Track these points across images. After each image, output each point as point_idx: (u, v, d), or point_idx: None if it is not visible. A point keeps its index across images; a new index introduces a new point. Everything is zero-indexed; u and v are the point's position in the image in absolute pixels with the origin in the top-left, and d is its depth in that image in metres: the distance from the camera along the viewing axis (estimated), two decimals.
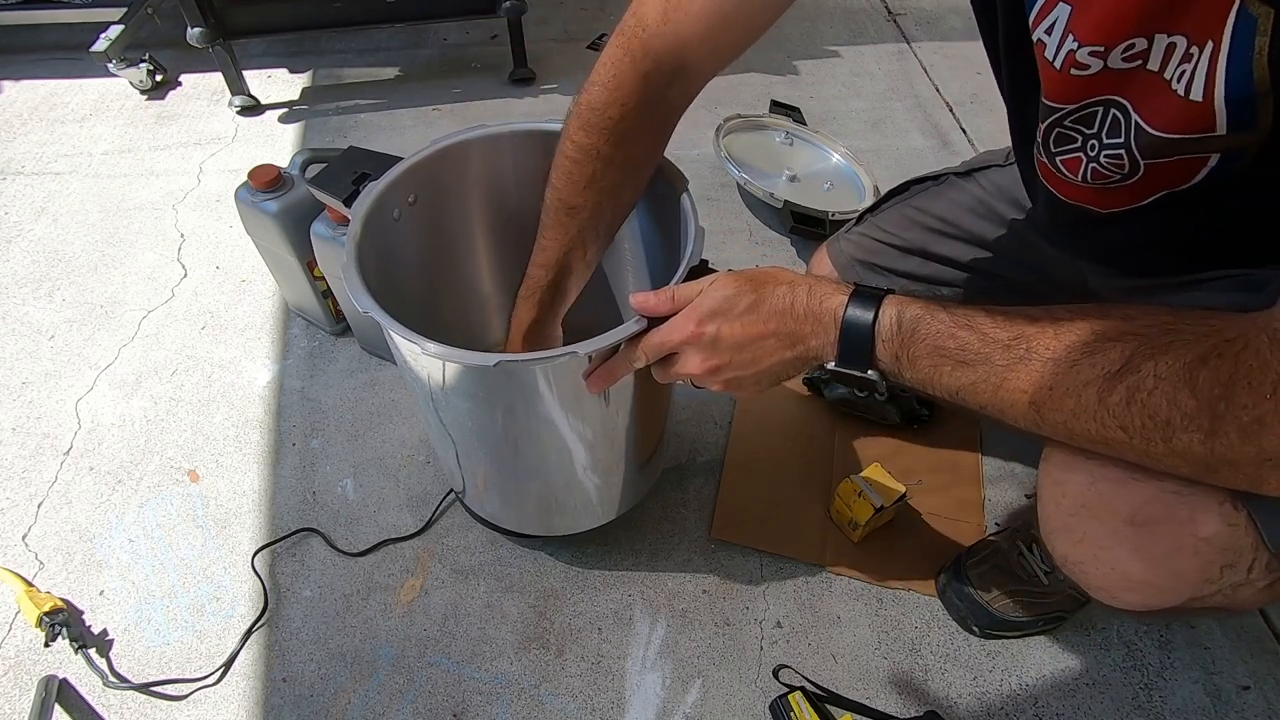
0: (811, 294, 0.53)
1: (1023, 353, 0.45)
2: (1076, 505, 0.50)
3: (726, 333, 0.54)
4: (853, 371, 0.53)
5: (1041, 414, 0.45)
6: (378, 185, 0.70)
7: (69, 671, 0.80)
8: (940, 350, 0.48)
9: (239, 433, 1.02)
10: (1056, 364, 0.43)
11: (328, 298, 1.08)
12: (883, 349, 0.51)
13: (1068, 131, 0.54)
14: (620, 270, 0.87)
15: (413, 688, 0.79)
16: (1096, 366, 0.42)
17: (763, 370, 0.55)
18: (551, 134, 0.76)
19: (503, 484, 0.80)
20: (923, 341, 0.49)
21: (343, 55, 1.78)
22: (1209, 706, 0.78)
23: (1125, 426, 0.41)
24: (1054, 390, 0.43)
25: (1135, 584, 0.49)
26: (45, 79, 1.69)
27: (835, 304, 0.52)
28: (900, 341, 0.50)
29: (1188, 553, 0.45)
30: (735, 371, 0.56)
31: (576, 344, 0.57)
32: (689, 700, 0.78)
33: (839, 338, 0.52)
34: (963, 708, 0.78)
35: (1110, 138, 0.51)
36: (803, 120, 1.53)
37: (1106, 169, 0.53)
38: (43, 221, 1.34)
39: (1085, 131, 0.52)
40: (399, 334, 0.57)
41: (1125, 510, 0.47)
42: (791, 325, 0.53)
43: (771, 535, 0.90)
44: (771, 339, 0.54)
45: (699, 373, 0.57)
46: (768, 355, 0.55)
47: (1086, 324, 0.43)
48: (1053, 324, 0.45)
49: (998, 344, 0.46)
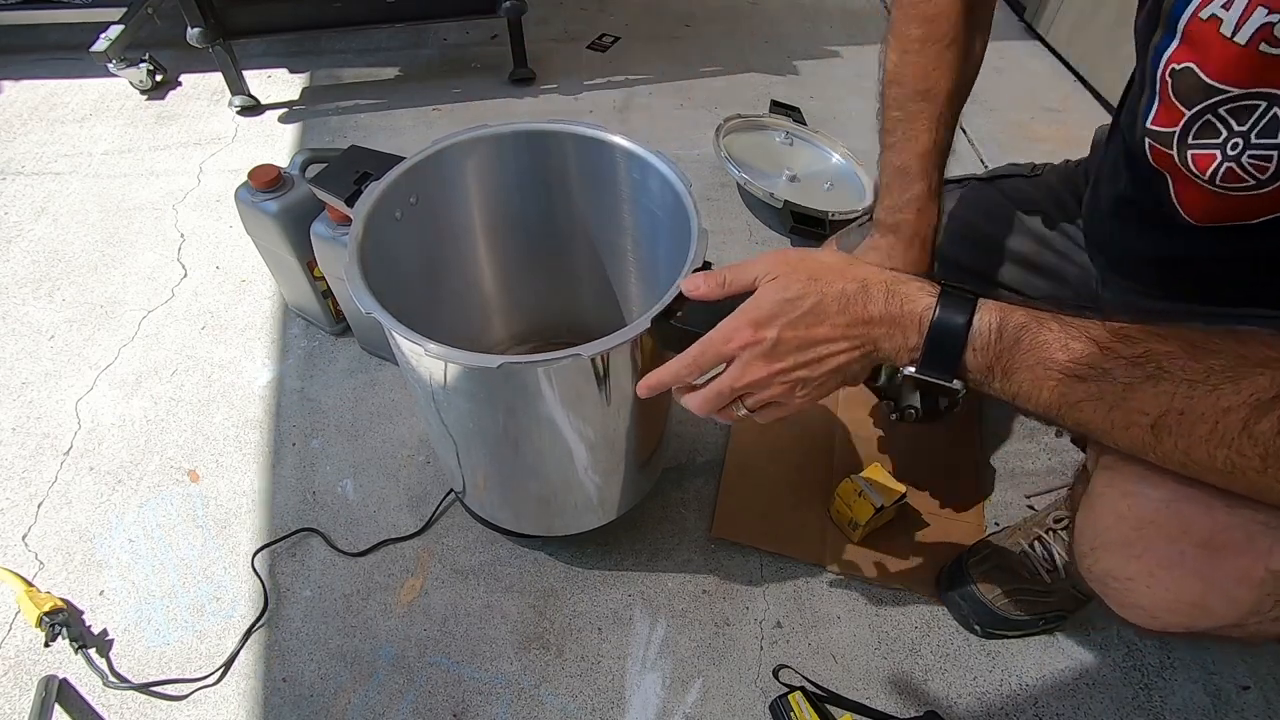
0: (891, 295, 0.49)
1: (1151, 370, 0.41)
2: (1145, 520, 0.47)
3: (789, 336, 0.50)
4: (934, 379, 0.49)
5: (1160, 438, 0.42)
6: (380, 185, 0.70)
7: (69, 671, 0.80)
8: (1048, 363, 0.45)
9: (239, 433, 1.02)
10: (1193, 386, 0.40)
11: (328, 298, 1.08)
12: (974, 357, 0.47)
13: (1216, 122, 0.51)
14: (623, 272, 0.87)
15: (413, 688, 0.79)
16: (1243, 393, 0.39)
17: (826, 373, 0.51)
18: (552, 134, 0.76)
19: (503, 484, 0.80)
20: (1028, 352, 0.45)
21: (343, 55, 1.78)
22: (1209, 706, 0.78)
23: (1267, 456, 0.39)
24: (1186, 415, 0.41)
25: (1184, 606, 0.47)
26: (45, 79, 1.69)
27: (921, 306, 0.48)
28: (998, 351, 0.47)
29: (1254, 583, 0.44)
30: (798, 374, 0.52)
31: (580, 346, 0.57)
32: (689, 700, 0.78)
33: (924, 343, 0.48)
34: (963, 708, 0.78)
35: (1262, 137, 0.49)
36: (803, 120, 1.53)
37: (1245, 172, 0.51)
38: (43, 221, 1.34)
39: (1235, 126, 0.50)
40: (401, 334, 0.57)
41: (1203, 532, 0.44)
42: (864, 327, 0.49)
43: (771, 535, 0.90)
44: (841, 341, 0.50)
45: (759, 378, 0.52)
46: (833, 356, 0.51)
47: (1226, 346, 0.40)
48: (1187, 343, 0.41)
49: (1121, 359, 0.42)
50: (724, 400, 0.55)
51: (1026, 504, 0.95)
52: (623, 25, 1.90)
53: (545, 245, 0.87)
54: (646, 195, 0.74)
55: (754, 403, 0.55)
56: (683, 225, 0.66)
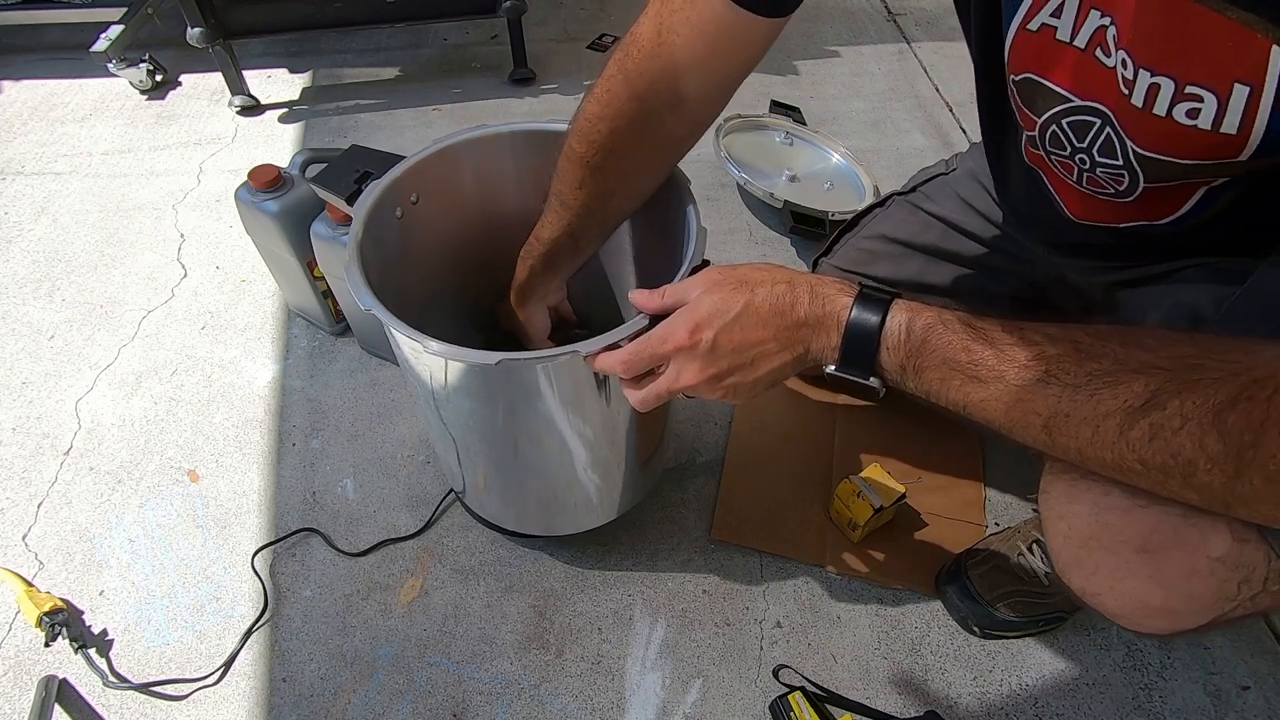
0: (814, 295, 0.51)
1: (1040, 374, 0.43)
2: (1084, 538, 0.48)
3: (724, 340, 0.52)
4: (852, 377, 0.51)
5: (1054, 437, 0.44)
6: (380, 184, 0.70)
7: (69, 671, 0.80)
8: (952, 363, 0.46)
9: (239, 433, 1.02)
10: (1076, 390, 0.42)
11: (328, 298, 1.08)
12: (888, 356, 0.49)
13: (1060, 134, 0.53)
14: (622, 270, 0.87)
15: (413, 688, 0.79)
16: (1119, 398, 0.40)
17: (760, 376, 0.54)
18: (551, 134, 0.76)
19: (503, 484, 0.80)
20: (933, 352, 0.47)
21: (343, 55, 1.78)
22: (1209, 706, 0.78)
23: (1145, 461, 0.40)
24: (1070, 417, 0.42)
25: (1155, 611, 0.48)
26: (45, 79, 1.69)
27: (839, 306, 0.50)
28: (908, 350, 0.48)
29: (1202, 575, 0.44)
30: (734, 378, 0.54)
31: (577, 344, 0.57)
32: (689, 700, 0.78)
33: (841, 342, 0.50)
34: (963, 708, 0.78)
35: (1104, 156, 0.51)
36: (803, 120, 1.53)
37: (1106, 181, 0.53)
38: (43, 221, 1.34)
39: (1076, 142, 0.52)
40: (401, 332, 0.57)
41: (1134, 539, 0.46)
42: (791, 328, 0.51)
43: (771, 535, 0.90)
44: (771, 343, 0.52)
45: (695, 381, 0.54)
46: (766, 359, 0.53)
47: (1109, 350, 0.42)
48: (1073, 347, 0.43)
49: (1014, 362, 0.44)
50: (662, 400, 0.57)
51: (1031, 506, 0.94)
52: (623, 25, 1.90)
53: None
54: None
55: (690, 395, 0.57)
56: (682, 224, 0.67)
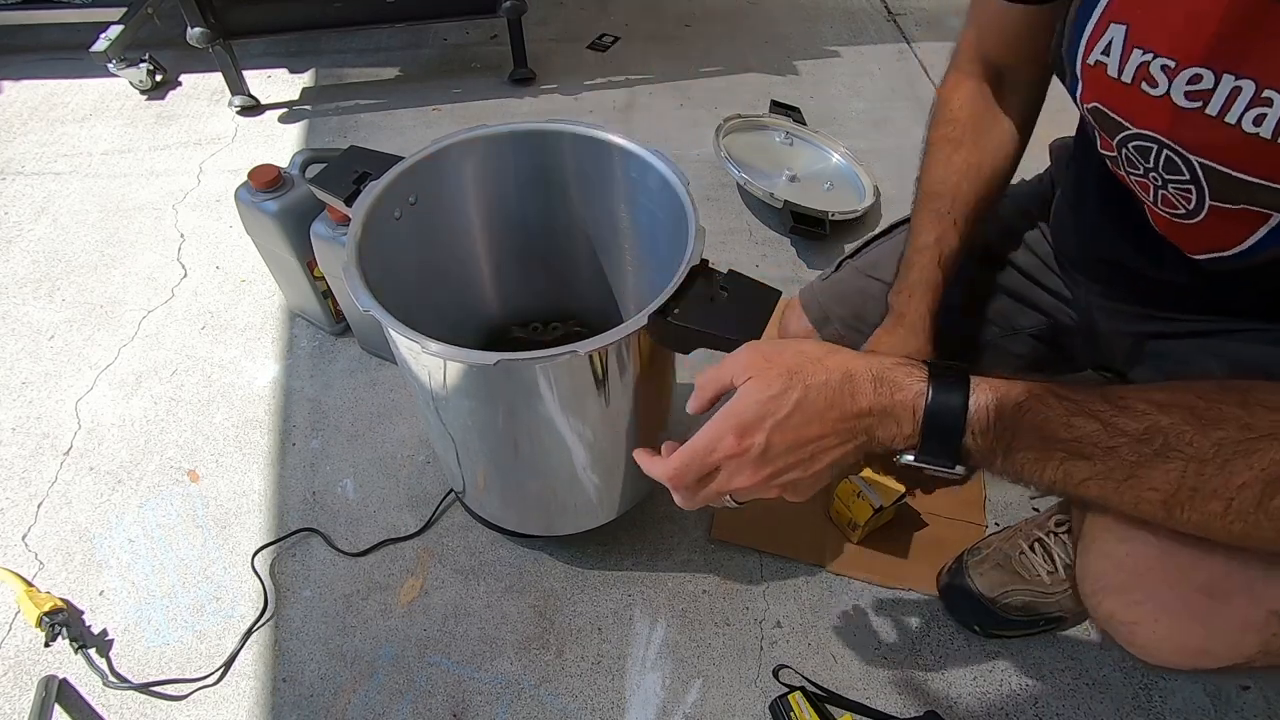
0: (879, 382, 0.46)
1: (1159, 447, 0.40)
2: (1144, 568, 0.46)
3: (776, 440, 0.47)
4: (933, 465, 0.46)
5: (1173, 512, 0.41)
6: (379, 185, 0.70)
7: (69, 671, 0.80)
8: (1051, 440, 0.43)
9: (239, 433, 1.02)
10: (1204, 465, 0.39)
11: (328, 298, 1.08)
12: (974, 440, 0.44)
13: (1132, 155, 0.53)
14: (620, 269, 0.87)
15: (413, 688, 0.79)
16: (1254, 468, 0.38)
17: (820, 470, 0.48)
18: (550, 134, 0.76)
19: (503, 484, 0.80)
20: (1028, 431, 0.43)
21: (343, 55, 1.78)
22: (1209, 706, 0.78)
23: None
24: (1198, 492, 0.40)
25: (1189, 651, 0.47)
26: (45, 79, 1.69)
27: (912, 393, 0.45)
28: (999, 431, 0.44)
29: (1257, 626, 0.44)
30: (790, 475, 0.49)
31: (576, 343, 0.57)
32: (689, 700, 0.78)
33: (920, 430, 0.45)
34: (963, 708, 0.78)
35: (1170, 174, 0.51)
36: (803, 120, 1.53)
37: (1176, 200, 0.52)
38: (43, 221, 1.34)
39: (1143, 163, 0.52)
40: (400, 333, 0.57)
41: (1203, 581, 0.44)
42: (852, 419, 0.46)
43: (771, 535, 0.90)
44: (830, 437, 0.47)
45: (749, 485, 0.49)
46: (825, 453, 0.47)
47: (1230, 414, 0.39)
48: (1190, 414, 0.40)
49: (1127, 436, 0.41)
50: (710, 501, 0.53)
51: (1031, 505, 0.94)
52: (623, 25, 1.90)
53: (544, 244, 0.87)
54: (644, 194, 0.74)
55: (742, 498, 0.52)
56: (681, 223, 0.66)
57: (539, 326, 0.97)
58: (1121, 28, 0.48)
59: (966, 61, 0.72)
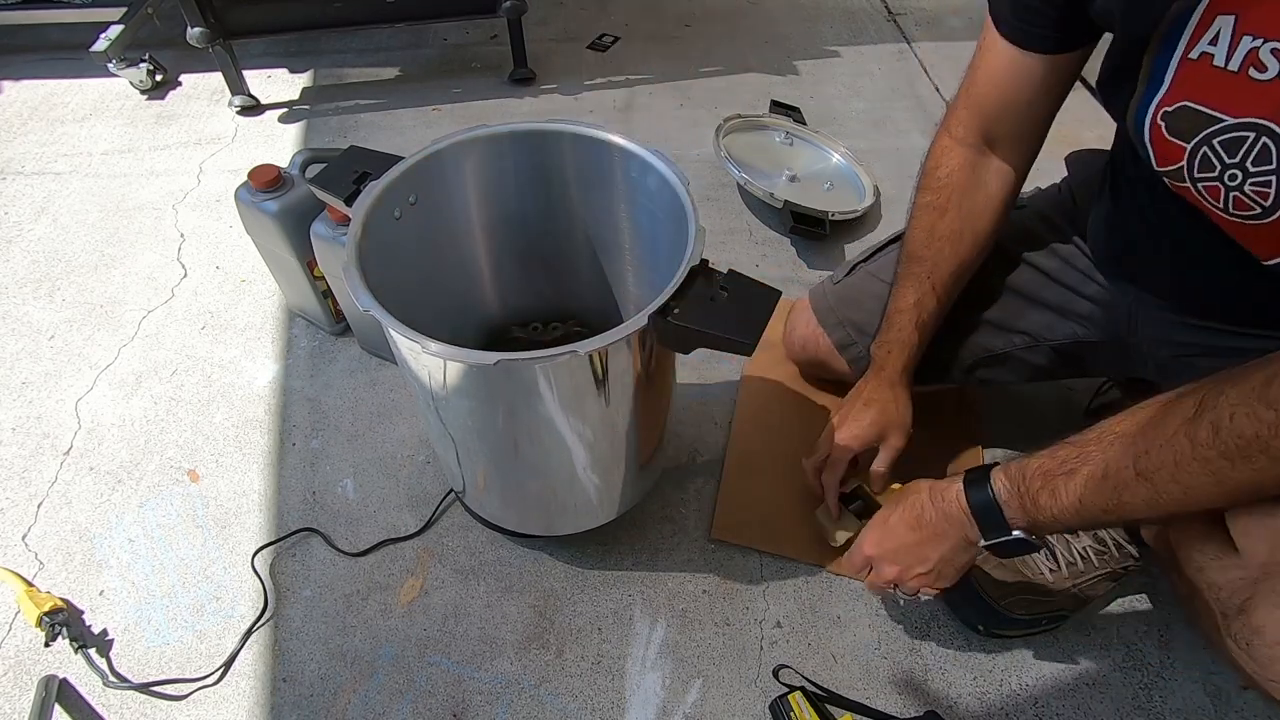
0: (933, 498, 0.65)
1: (1112, 438, 0.52)
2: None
3: (888, 550, 0.69)
4: (1003, 541, 0.60)
5: (1151, 480, 0.49)
6: (379, 184, 0.70)
7: (69, 671, 0.80)
8: (1048, 474, 0.55)
9: (239, 433, 1.02)
10: (1141, 429, 0.50)
11: (328, 298, 1.08)
12: (1010, 510, 0.58)
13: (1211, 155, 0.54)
14: (620, 269, 0.87)
15: (413, 688, 0.79)
16: (1176, 417, 0.47)
17: (933, 565, 0.66)
18: (550, 133, 0.76)
19: (503, 484, 0.80)
20: (1033, 478, 0.56)
21: (343, 55, 1.78)
22: (1209, 706, 0.78)
23: (1224, 453, 0.45)
24: (1149, 452, 0.49)
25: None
26: (45, 79, 1.69)
27: (956, 496, 0.62)
28: (1020, 494, 0.57)
29: None
30: (915, 570, 0.67)
31: (576, 343, 0.57)
32: (689, 700, 0.78)
33: (974, 521, 0.61)
34: (963, 708, 0.78)
35: (1258, 165, 0.51)
36: (803, 120, 1.53)
37: (1250, 199, 0.53)
38: (43, 221, 1.34)
39: (1226, 159, 0.53)
40: (400, 333, 0.57)
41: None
42: (929, 529, 0.65)
43: (771, 535, 0.90)
44: (926, 544, 0.66)
45: (889, 581, 0.70)
46: (930, 553, 0.66)
47: (1153, 400, 0.50)
48: (1128, 413, 0.52)
49: (1088, 442, 0.53)
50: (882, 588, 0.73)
51: None
52: (623, 25, 1.90)
53: (544, 244, 0.87)
54: (644, 194, 0.74)
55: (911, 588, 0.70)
56: (680, 223, 0.66)
57: (539, 327, 0.97)
58: (1229, 18, 0.50)
59: (958, 125, 0.76)
